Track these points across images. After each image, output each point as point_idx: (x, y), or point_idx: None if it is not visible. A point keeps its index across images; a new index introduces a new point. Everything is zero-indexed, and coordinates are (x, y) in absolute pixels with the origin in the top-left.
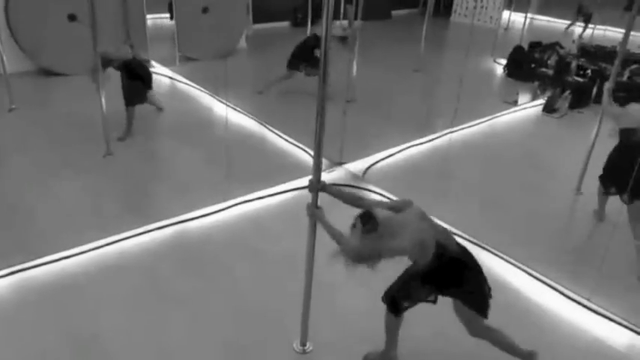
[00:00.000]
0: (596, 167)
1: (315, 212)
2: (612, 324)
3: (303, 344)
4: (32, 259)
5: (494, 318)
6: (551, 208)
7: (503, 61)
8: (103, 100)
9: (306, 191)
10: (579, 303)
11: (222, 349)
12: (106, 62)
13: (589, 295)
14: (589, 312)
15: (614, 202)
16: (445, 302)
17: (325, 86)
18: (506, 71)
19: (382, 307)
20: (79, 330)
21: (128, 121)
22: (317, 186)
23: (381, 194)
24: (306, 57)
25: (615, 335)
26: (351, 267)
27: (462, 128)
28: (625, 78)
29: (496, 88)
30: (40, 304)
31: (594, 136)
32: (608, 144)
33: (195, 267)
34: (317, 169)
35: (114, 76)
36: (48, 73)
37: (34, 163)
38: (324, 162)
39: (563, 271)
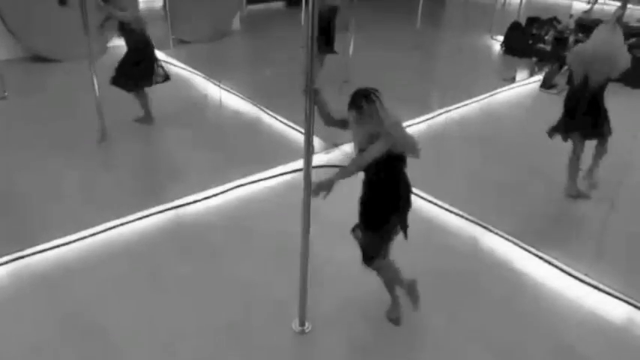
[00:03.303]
0: (594, 143)
1: (324, 185)
2: (610, 297)
3: (302, 324)
4: (28, 247)
5: (493, 292)
6: (548, 186)
7: (501, 38)
8: (96, 85)
9: (301, 174)
10: (577, 278)
11: (222, 333)
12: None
13: (586, 271)
14: (587, 286)
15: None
16: None
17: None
18: (504, 48)
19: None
20: (78, 317)
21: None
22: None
23: None
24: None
25: (613, 309)
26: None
27: (459, 106)
28: None
29: (493, 65)
30: (37, 291)
31: None
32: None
33: (192, 251)
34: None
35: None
36: (39, 59)
37: (28, 151)
38: (320, 143)
39: (561, 247)
